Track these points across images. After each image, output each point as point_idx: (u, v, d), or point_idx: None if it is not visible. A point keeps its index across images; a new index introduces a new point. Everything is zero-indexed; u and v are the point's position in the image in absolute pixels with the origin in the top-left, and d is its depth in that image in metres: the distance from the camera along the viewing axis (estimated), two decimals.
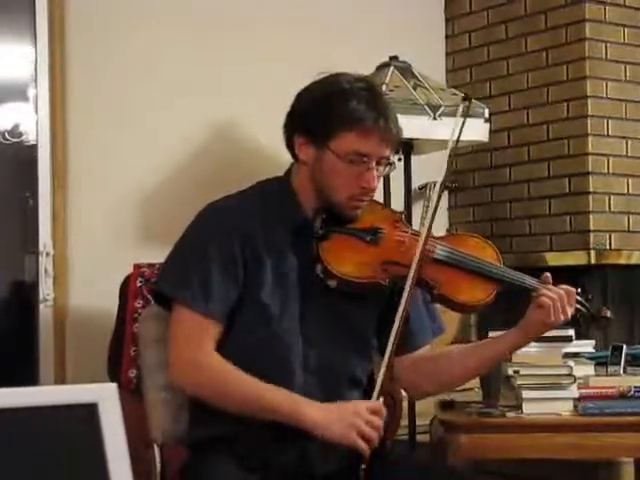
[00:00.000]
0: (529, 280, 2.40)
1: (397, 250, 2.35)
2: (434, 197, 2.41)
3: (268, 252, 2.33)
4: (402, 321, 2.25)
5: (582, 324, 2.47)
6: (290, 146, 2.40)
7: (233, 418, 2.27)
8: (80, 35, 3.75)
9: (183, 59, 3.94)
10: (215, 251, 2.31)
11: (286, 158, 2.47)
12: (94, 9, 3.80)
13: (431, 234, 2.36)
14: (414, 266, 2.28)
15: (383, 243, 2.36)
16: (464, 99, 2.51)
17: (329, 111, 2.30)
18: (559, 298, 2.34)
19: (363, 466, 2.19)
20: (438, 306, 2.57)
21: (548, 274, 2.40)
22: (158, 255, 2.68)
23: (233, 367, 2.26)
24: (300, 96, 2.40)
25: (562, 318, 2.34)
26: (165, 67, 3.91)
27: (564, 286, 2.38)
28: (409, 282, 2.27)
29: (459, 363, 2.45)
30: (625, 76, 4.23)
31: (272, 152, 3.69)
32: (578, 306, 2.42)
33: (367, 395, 2.31)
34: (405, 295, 2.26)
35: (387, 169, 2.39)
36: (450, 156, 2.44)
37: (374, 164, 2.31)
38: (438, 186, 2.42)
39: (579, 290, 2.41)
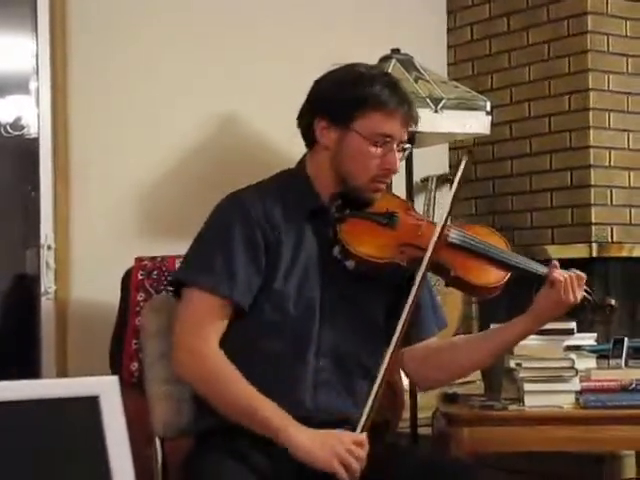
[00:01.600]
0: (540, 267, 2.43)
1: (413, 233, 2.38)
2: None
3: (288, 237, 2.35)
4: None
5: (588, 312, 2.48)
6: (308, 133, 2.41)
7: None
8: (82, 28, 3.75)
9: (185, 54, 3.94)
10: (238, 238, 2.31)
11: (288, 154, 2.48)
12: (96, 2, 3.80)
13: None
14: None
15: (399, 226, 2.39)
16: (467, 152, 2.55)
17: (354, 94, 2.34)
18: (570, 278, 2.37)
19: None
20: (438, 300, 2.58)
21: (555, 261, 2.42)
22: (160, 248, 2.69)
23: (232, 367, 2.26)
24: (319, 82, 2.43)
25: (572, 299, 2.35)
26: (167, 62, 3.91)
27: (574, 270, 2.40)
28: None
29: (469, 352, 2.46)
30: (627, 69, 4.22)
31: (274, 148, 3.69)
32: (585, 294, 2.44)
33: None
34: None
35: (404, 153, 2.41)
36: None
37: (395, 146, 2.34)
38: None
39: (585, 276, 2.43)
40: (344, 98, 2.34)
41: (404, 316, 2.26)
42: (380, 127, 2.33)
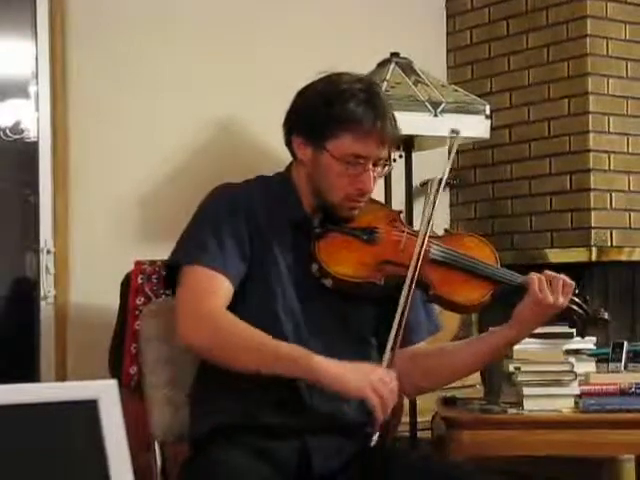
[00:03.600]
0: (524, 279, 2.36)
1: (393, 250, 2.35)
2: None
3: (271, 244, 2.35)
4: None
5: (579, 325, 2.44)
6: (289, 145, 2.41)
7: (233, 411, 2.26)
8: (81, 32, 3.75)
9: (185, 57, 3.94)
10: (226, 226, 2.32)
11: (286, 155, 2.47)
12: (95, 6, 3.80)
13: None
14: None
15: (380, 242, 2.36)
16: (452, 132, 2.49)
17: (327, 112, 2.30)
18: (547, 278, 2.32)
19: (377, 433, 2.15)
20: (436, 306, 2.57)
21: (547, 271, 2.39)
22: (159, 252, 2.68)
23: (242, 321, 2.23)
24: (299, 96, 2.41)
25: (550, 300, 2.30)
26: (166, 66, 3.91)
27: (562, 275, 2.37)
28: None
29: (456, 359, 2.44)
30: (626, 73, 4.23)
31: (272, 150, 3.69)
32: (574, 307, 2.39)
33: None
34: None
35: (385, 169, 2.38)
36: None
37: (371, 166, 2.31)
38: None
39: (577, 291, 2.39)
40: (317, 117, 2.32)
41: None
42: (352, 148, 2.28)
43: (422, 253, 2.30)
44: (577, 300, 2.39)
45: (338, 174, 2.30)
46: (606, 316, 2.46)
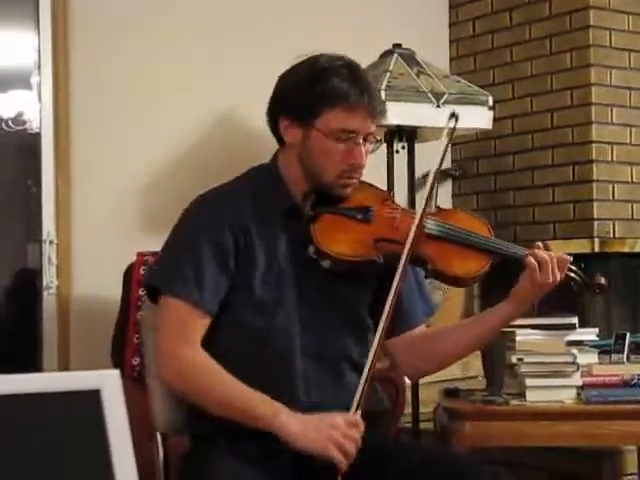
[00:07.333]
0: (521, 250, 2.37)
1: (389, 227, 2.35)
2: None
3: (260, 239, 2.34)
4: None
5: (576, 292, 2.44)
6: (275, 130, 2.41)
7: None
8: (83, 23, 3.75)
9: (186, 50, 3.93)
10: (206, 243, 2.31)
11: None
12: None
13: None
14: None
15: (374, 221, 2.35)
16: (452, 116, 2.50)
17: (312, 90, 2.31)
18: (547, 259, 2.31)
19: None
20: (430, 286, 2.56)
21: (539, 243, 2.38)
22: (162, 243, 2.68)
23: (218, 367, 2.26)
24: (282, 79, 2.43)
25: (550, 279, 2.30)
26: (168, 57, 3.90)
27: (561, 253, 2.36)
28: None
29: (454, 339, 2.44)
30: (629, 64, 4.22)
31: (273, 142, 3.69)
32: (571, 274, 2.38)
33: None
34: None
35: (374, 146, 2.39)
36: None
37: (361, 140, 2.32)
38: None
39: (571, 259, 2.39)
40: (303, 96, 2.33)
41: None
42: (341, 123, 2.30)
43: (417, 233, 2.29)
44: (574, 268, 2.40)
45: (330, 151, 2.31)
46: (603, 281, 2.46)
